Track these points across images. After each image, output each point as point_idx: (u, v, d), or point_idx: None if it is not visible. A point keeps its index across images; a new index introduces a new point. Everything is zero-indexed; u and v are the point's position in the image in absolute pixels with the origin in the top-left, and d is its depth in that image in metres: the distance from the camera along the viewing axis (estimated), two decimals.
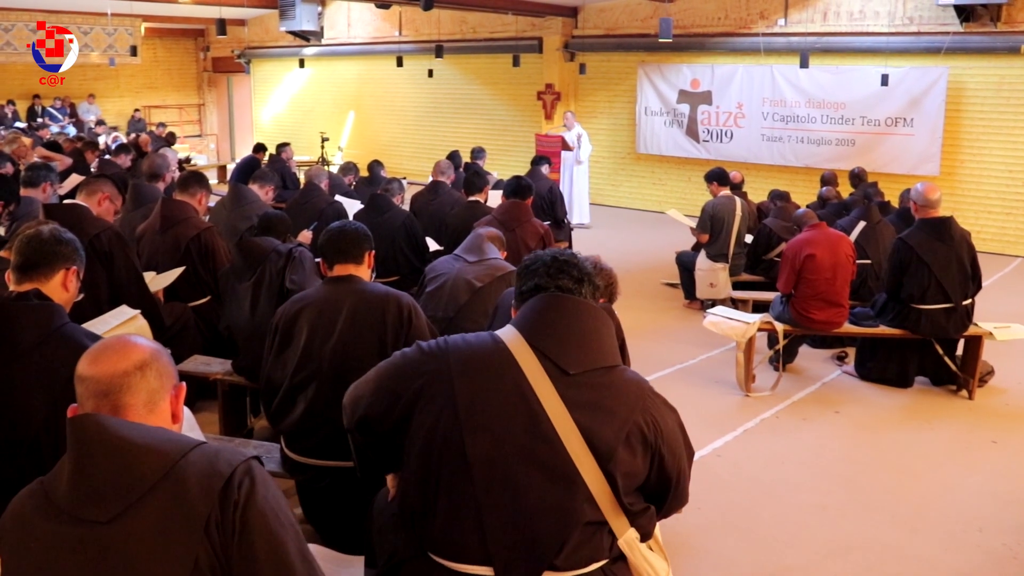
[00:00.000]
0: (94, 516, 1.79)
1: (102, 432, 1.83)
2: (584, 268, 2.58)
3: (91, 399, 1.96)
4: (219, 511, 1.80)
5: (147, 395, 1.98)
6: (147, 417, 1.97)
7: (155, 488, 1.79)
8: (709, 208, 8.60)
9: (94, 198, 5.34)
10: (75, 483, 1.82)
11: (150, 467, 1.81)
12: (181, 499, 1.79)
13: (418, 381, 2.46)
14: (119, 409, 1.94)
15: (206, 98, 25.36)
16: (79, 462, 1.83)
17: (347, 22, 20.10)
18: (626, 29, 15.59)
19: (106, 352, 2.00)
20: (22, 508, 1.89)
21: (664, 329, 8.28)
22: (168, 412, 2.04)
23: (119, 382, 1.95)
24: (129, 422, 1.90)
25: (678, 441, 2.52)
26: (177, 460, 1.83)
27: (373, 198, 7.39)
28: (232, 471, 1.84)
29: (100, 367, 1.97)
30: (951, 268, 6.32)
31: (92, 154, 11.60)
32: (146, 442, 1.84)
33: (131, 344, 2.03)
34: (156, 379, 2.00)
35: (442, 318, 4.73)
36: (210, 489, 1.80)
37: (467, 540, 2.38)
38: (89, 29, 20.74)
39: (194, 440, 1.91)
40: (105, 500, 1.79)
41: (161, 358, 2.05)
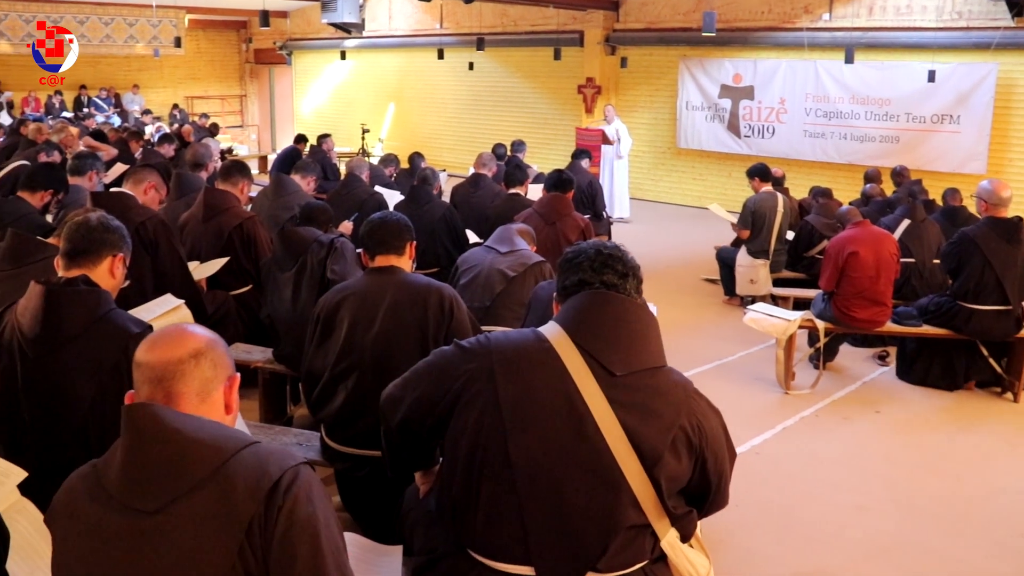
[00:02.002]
0: (141, 505, 1.80)
1: (156, 422, 1.84)
2: (629, 262, 2.52)
3: (146, 385, 1.97)
4: (263, 514, 1.79)
5: (200, 384, 1.98)
6: (199, 407, 1.97)
7: (203, 483, 1.79)
8: (751, 204, 8.53)
9: (140, 187, 5.39)
10: (125, 471, 1.83)
11: (200, 462, 1.81)
12: (227, 497, 1.79)
13: (459, 380, 2.43)
14: (172, 397, 1.95)
15: (248, 89, 25.57)
16: (130, 450, 1.84)
17: (388, 14, 20.15)
18: (668, 23, 15.48)
19: (163, 339, 2.02)
20: (74, 489, 1.91)
21: (703, 325, 8.23)
22: (221, 402, 2.05)
23: (173, 369, 1.96)
24: (184, 414, 1.91)
25: (721, 444, 2.49)
26: (228, 458, 1.83)
27: (413, 190, 7.41)
28: (281, 475, 1.83)
29: (155, 354, 1.98)
30: (1014, 269, 6.22)
31: (136, 144, 11.72)
32: (199, 436, 1.84)
33: (188, 333, 2.04)
34: (210, 368, 2.01)
35: (478, 308, 4.75)
36: (257, 491, 1.80)
37: (508, 540, 2.37)
38: (135, 21, 20.99)
39: (247, 438, 1.92)
40: (153, 490, 1.80)
41: (217, 348, 2.05)
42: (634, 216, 14.10)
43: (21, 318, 3.01)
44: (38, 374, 2.97)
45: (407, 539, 2.85)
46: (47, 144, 9.30)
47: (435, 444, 2.74)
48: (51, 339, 2.95)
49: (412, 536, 2.81)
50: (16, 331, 3.01)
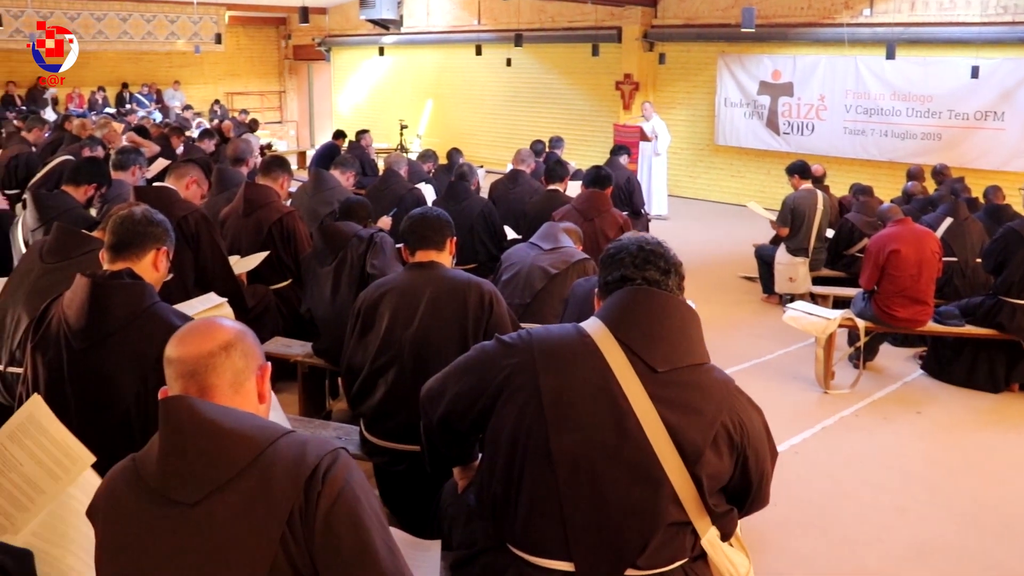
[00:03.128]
0: (181, 497, 1.80)
1: (192, 415, 1.84)
2: (671, 258, 2.50)
3: (178, 380, 1.98)
4: (303, 501, 1.79)
5: (232, 375, 1.99)
6: (233, 398, 1.98)
7: (242, 474, 1.80)
8: (790, 201, 8.46)
9: (182, 181, 5.45)
10: (164, 464, 1.84)
11: (238, 453, 1.82)
12: (266, 488, 1.79)
13: (501, 375, 2.43)
14: (205, 390, 1.96)
15: (287, 85, 25.74)
16: (168, 443, 1.84)
17: (426, 11, 20.20)
18: (706, 19, 15.38)
19: (192, 334, 2.03)
20: (114, 482, 1.92)
21: (741, 323, 8.18)
22: (254, 392, 2.05)
23: (204, 363, 1.97)
24: (219, 406, 1.91)
25: (763, 443, 2.47)
26: (265, 448, 1.83)
27: (451, 186, 7.43)
28: (318, 462, 1.83)
29: (186, 348, 1.99)
30: None
31: (177, 139, 11.84)
32: (236, 427, 1.85)
33: (216, 325, 2.05)
34: (241, 359, 2.02)
35: (518, 304, 4.75)
36: (296, 479, 1.80)
37: (548, 535, 2.37)
38: (176, 18, 21.23)
39: (283, 428, 1.92)
40: (192, 482, 1.81)
41: (246, 339, 2.06)
42: (672, 213, 14.04)
43: (67, 310, 3.06)
44: (83, 365, 3.02)
45: (445, 534, 2.86)
46: (91, 139, 9.44)
47: (474, 439, 2.75)
48: (96, 331, 3.00)
49: (451, 531, 2.82)
50: (62, 323, 3.06)
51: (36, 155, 9.53)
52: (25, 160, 9.22)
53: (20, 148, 9.76)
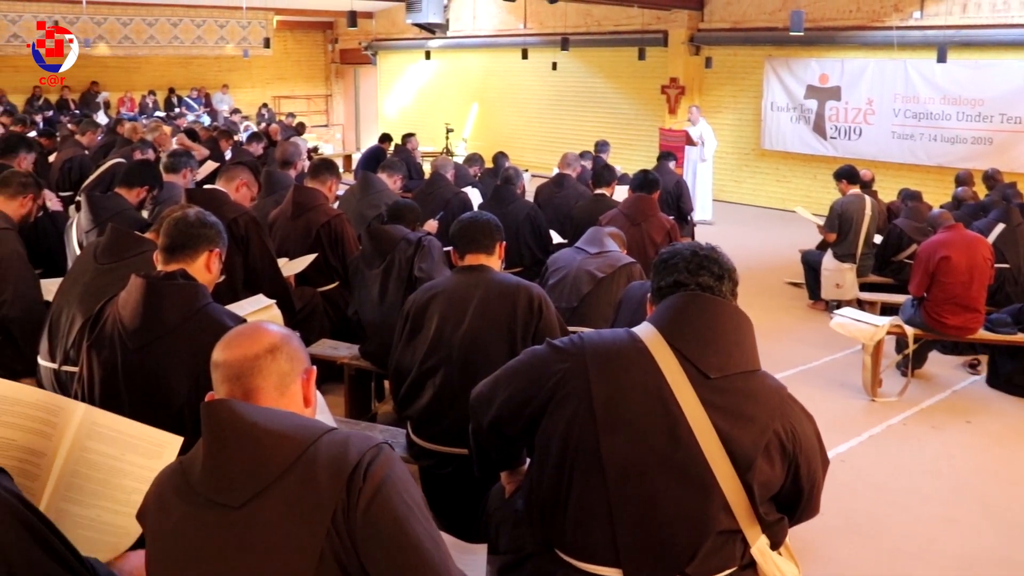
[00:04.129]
0: (226, 500, 1.82)
1: (233, 418, 1.85)
2: (725, 264, 2.49)
3: (224, 383, 2.00)
4: (345, 499, 1.79)
5: (278, 378, 2.01)
6: (278, 400, 1.99)
7: (285, 475, 1.80)
8: (837, 207, 8.38)
9: (232, 184, 5.52)
10: (208, 467, 1.85)
11: (280, 454, 1.82)
12: (310, 487, 1.79)
13: (552, 379, 2.43)
14: (250, 392, 1.98)
15: (333, 89, 25.98)
16: (211, 447, 1.86)
17: (472, 14, 20.27)
18: (753, 22, 15.29)
19: (238, 338, 2.05)
20: (162, 486, 1.94)
21: (787, 329, 8.11)
22: (299, 395, 2.06)
23: (250, 366, 1.99)
24: (260, 407, 1.92)
25: (815, 451, 2.45)
26: (307, 447, 1.83)
27: (497, 189, 7.45)
28: (360, 458, 1.83)
29: (232, 352, 2.01)
30: None
31: (226, 142, 11.99)
32: (277, 428, 1.85)
33: (261, 329, 2.07)
34: (287, 362, 2.03)
35: (565, 308, 4.76)
36: (338, 477, 1.80)
37: (597, 541, 2.36)
38: (225, 22, 21.53)
39: (324, 426, 1.92)
40: (237, 485, 1.82)
41: (291, 342, 2.07)
42: (717, 218, 13.95)
43: (122, 310, 3.11)
44: (137, 365, 3.06)
45: (492, 538, 2.86)
46: (142, 142, 9.58)
47: (523, 444, 2.75)
48: (150, 331, 3.04)
49: (498, 535, 2.82)
50: (117, 323, 3.11)
51: (89, 158, 9.69)
52: (79, 163, 9.39)
53: (74, 151, 9.94)
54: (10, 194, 5.07)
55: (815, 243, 9.12)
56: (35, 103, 20.60)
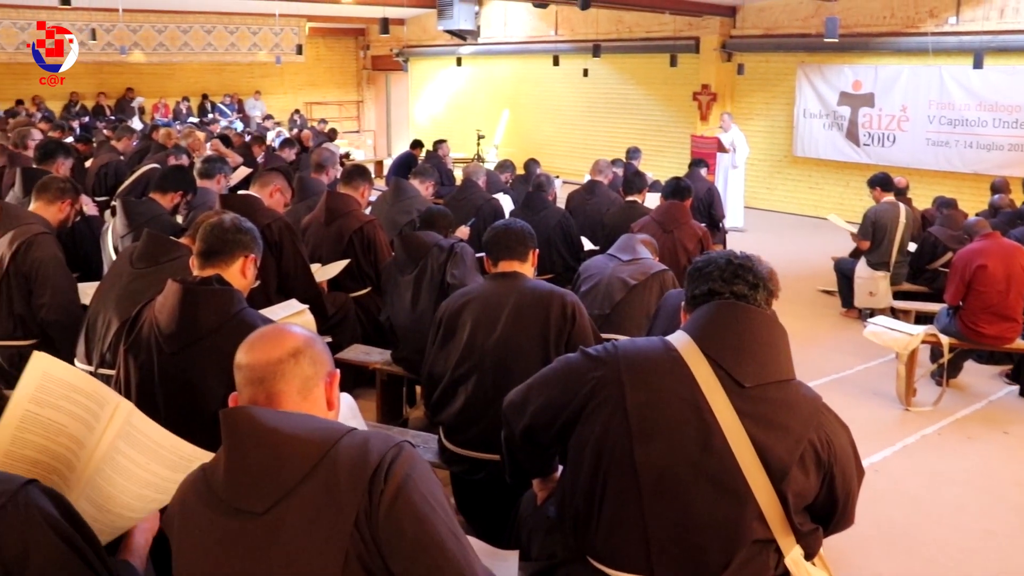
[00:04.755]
0: (249, 507, 1.82)
1: (253, 424, 1.86)
2: (760, 272, 2.48)
3: (248, 386, 2.00)
4: (367, 501, 1.79)
5: (301, 382, 2.01)
6: (301, 404, 1.99)
7: (306, 479, 1.80)
8: (871, 214, 8.31)
9: (266, 190, 5.56)
10: (229, 474, 1.86)
11: (300, 458, 1.82)
12: (332, 490, 1.80)
13: (586, 386, 2.43)
14: (273, 396, 1.98)
15: (365, 95, 26.10)
16: (231, 454, 1.87)
17: (503, 21, 20.31)
18: (786, 29, 15.19)
19: (261, 341, 2.04)
20: (186, 494, 1.95)
21: (820, 337, 8.05)
22: (322, 399, 2.06)
23: (273, 369, 1.99)
24: (279, 412, 1.92)
25: (850, 462, 2.43)
26: (327, 450, 1.83)
27: (529, 196, 7.46)
28: (381, 459, 1.83)
29: (255, 355, 2.01)
30: None
31: (259, 148, 12.09)
32: (296, 432, 1.85)
33: (285, 332, 2.07)
34: (310, 366, 2.03)
35: (597, 315, 4.75)
36: (360, 479, 1.80)
37: (630, 549, 2.36)
38: (258, 29, 21.71)
39: (343, 428, 1.91)
40: (259, 491, 1.82)
41: (315, 345, 2.07)
42: (748, 225, 13.88)
43: (159, 314, 3.14)
44: (173, 369, 3.09)
45: (524, 544, 2.86)
46: (176, 148, 9.68)
47: (556, 451, 2.75)
48: (186, 335, 3.06)
49: (530, 542, 2.82)
50: (154, 327, 3.14)
51: (124, 163, 9.80)
52: (114, 168, 9.50)
53: (110, 156, 10.05)
54: (49, 199, 5.14)
55: (848, 251, 9.06)
56: (72, 109, 20.88)
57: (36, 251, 4.76)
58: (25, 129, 10.10)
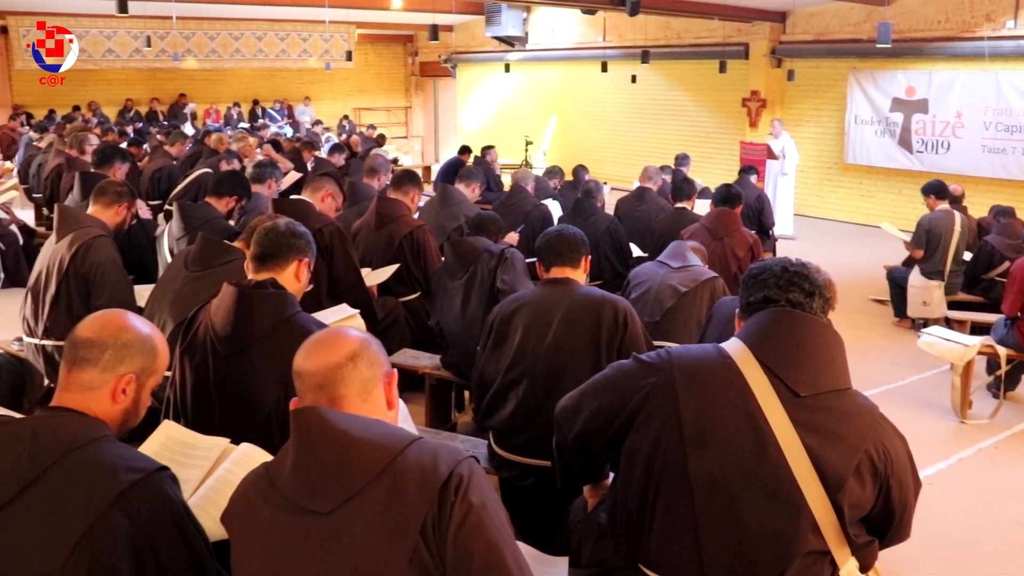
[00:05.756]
0: (314, 506, 1.84)
1: (323, 425, 1.88)
2: (815, 280, 2.45)
3: (309, 392, 2.02)
4: (436, 511, 1.80)
5: (360, 385, 2.03)
6: (361, 406, 2.02)
7: (374, 483, 1.82)
8: (925, 222, 8.18)
9: (318, 194, 5.61)
10: (297, 473, 1.88)
11: (369, 462, 1.84)
12: (399, 496, 1.81)
13: (640, 393, 2.41)
14: (335, 400, 2.00)
15: (413, 101, 26.28)
16: (300, 453, 1.89)
17: (551, 28, 20.32)
18: (837, 34, 15.04)
19: (318, 346, 2.07)
20: (248, 490, 1.97)
21: (872, 347, 7.94)
22: (382, 399, 2.08)
23: (333, 374, 2.01)
24: (349, 415, 1.94)
25: (907, 474, 2.39)
26: (395, 456, 1.84)
27: (577, 202, 7.45)
28: (451, 471, 1.84)
29: (314, 361, 2.04)
30: None
31: (309, 153, 12.20)
32: (365, 436, 1.87)
33: (341, 336, 2.10)
34: (368, 368, 2.05)
35: (648, 322, 4.73)
36: (428, 488, 1.81)
37: (682, 557, 2.34)
38: (308, 36, 21.97)
39: (411, 435, 1.93)
40: (325, 492, 1.84)
41: (371, 347, 2.09)
42: (798, 233, 13.73)
43: (214, 317, 3.17)
44: (228, 371, 3.12)
45: (574, 551, 2.85)
46: (228, 153, 9.81)
47: (608, 458, 2.74)
48: (241, 338, 3.10)
49: (580, 548, 2.81)
50: (209, 329, 3.18)
51: (177, 168, 9.96)
52: (167, 172, 9.66)
53: (163, 161, 10.23)
54: (106, 203, 5.23)
55: (900, 259, 8.92)
56: (126, 114, 21.27)
57: (94, 253, 4.85)
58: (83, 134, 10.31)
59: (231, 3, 17.37)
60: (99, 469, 2.01)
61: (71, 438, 2.05)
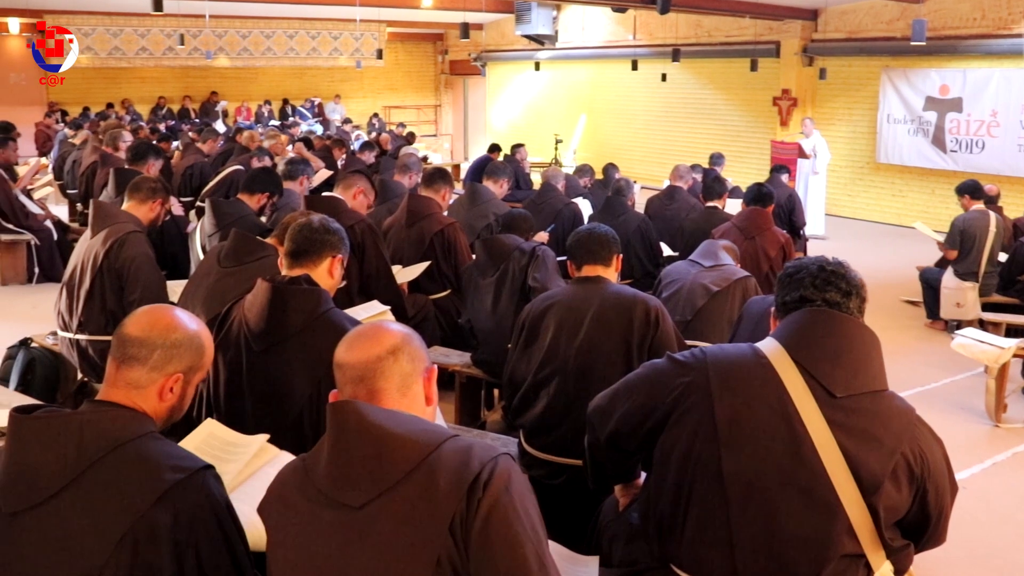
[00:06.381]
0: (348, 500, 1.85)
1: (360, 419, 1.88)
2: (852, 280, 2.44)
3: (348, 385, 2.03)
4: (464, 508, 1.80)
5: (400, 379, 2.03)
6: (400, 401, 2.02)
7: (407, 478, 1.82)
8: (959, 223, 8.09)
9: (350, 191, 5.63)
10: (332, 466, 1.88)
11: (403, 457, 1.84)
12: (430, 493, 1.81)
13: (673, 393, 2.40)
14: (374, 394, 2.00)
15: (442, 99, 26.32)
16: (336, 447, 1.89)
17: (581, 26, 20.27)
18: (869, 32, 14.89)
19: (360, 339, 2.07)
20: (285, 482, 1.99)
21: (904, 349, 7.86)
22: (421, 395, 2.09)
23: (373, 367, 2.01)
24: (386, 410, 1.94)
25: (944, 477, 2.36)
26: (429, 452, 1.84)
27: (608, 201, 7.43)
28: (481, 469, 1.83)
29: (355, 354, 2.04)
30: None
31: (339, 151, 12.25)
32: (401, 432, 1.87)
33: (383, 330, 2.10)
34: (408, 363, 2.05)
35: (679, 321, 4.71)
36: (459, 486, 1.80)
37: (715, 558, 2.32)
38: (339, 34, 22.07)
39: (447, 432, 1.93)
40: (359, 486, 1.85)
41: (412, 342, 2.10)
42: (830, 233, 13.61)
43: (248, 313, 3.19)
44: (261, 366, 3.14)
45: (605, 551, 2.84)
46: (259, 150, 9.87)
47: (640, 458, 2.73)
48: (274, 334, 3.11)
49: (611, 548, 2.80)
50: (243, 325, 3.20)
51: (209, 165, 10.04)
52: (199, 169, 9.74)
53: (196, 158, 10.32)
54: (141, 199, 5.27)
55: (933, 260, 8.83)
56: (159, 112, 21.46)
57: (128, 249, 4.89)
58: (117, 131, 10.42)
59: (263, 2, 17.52)
60: (144, 467, 2.02)
61: (117, 434, 2.06)
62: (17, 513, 1.98)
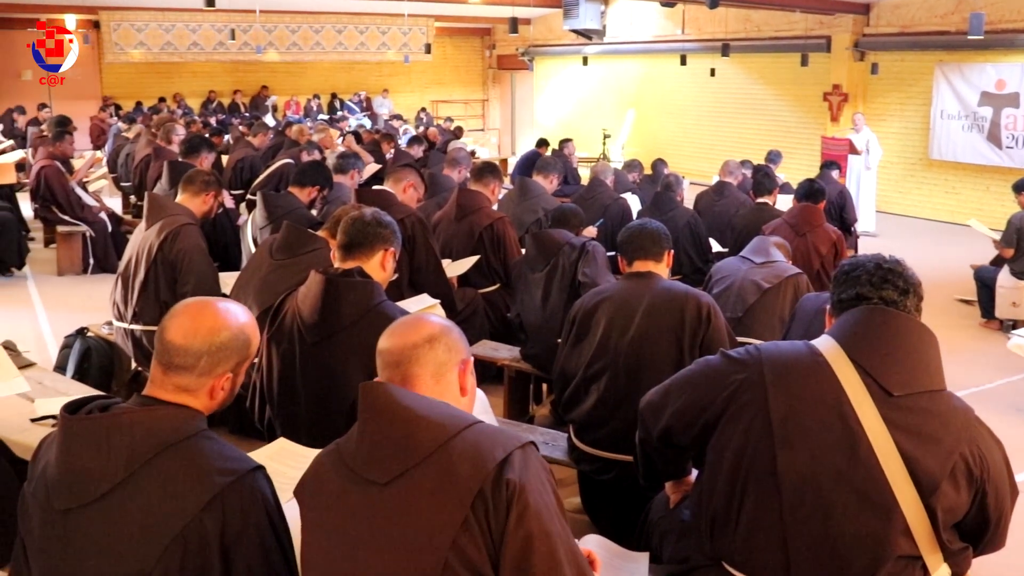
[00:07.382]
0: (375, 477, 1.92)
1: (388, 400, 1.97)
2: (910, 278, 2.41)
3: (385, 369, 2.12)
4: (491, 490, 1.85)
5: (435, 367, 2.11)
6: (434, 388, 2.09)
7: (429, 458, 1.89)
8: (1016, 221, 7.94)
9: (400, 185, 5.67)
10: (362, 445, 1.97)
11: (427, 437, 1.91)
12: (450, 473, 1.87)
13: (728, 389, 2.39)
14: (408, 379, 2.08)
15: (490, 94, 26.33)
16: (365, 425, 1.98)
17: (629, 20, 20.17)
18: (923, 26, 14.62)
19: (400, 327, 2.17)
20: (321, 465, 2.07)
21: (958, 349, 7.73)
22: (455, 384, 2.15)
23: (409, 353, 2.10)
24: (415, 393, 2.03)
25: (1004, 479, 2.33)
26: (453, 435, 1.91)
27: (657, 196, 7.40)
28: (507, 455, 1.89)
29: (393, 340, 2.13)
30: None
31: (388, 145, 12.31)
32: (427, 414, 1.95)
33: (423, 320, 2.19)
34: (444, 352, 2.12)
35: (730, 318, 4.68)
36: (481, 467, 1.86)
37: (768, 557, 2.31)
38: (387, 29, 22.18)
39: (473, 418, 2.00)
40: (384, 463, 1.92)
41: (451, 333, 2.17)
42: (880, 230, 13.43)
43: (302, 305, 3.23)
44: (314, 358, 3.19)
45: (655, 547, 2.84)
46: (308, 144, 9.95)
47: (692, 454, 2.72)
48: (328, 326, 3.16)
49: (662, 545, 2.80)
50: (296, 317, 3.24)
51: (259, 158, 10.14)
52: (249, 163, 9.85)
53: (246, 151, 10.43)
54: (194, 191, 5.34)
55: (988, 258, 8.68)
56: (209, 106, 21.74)
57: (182, 241, 4.97)
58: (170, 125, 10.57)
59: None
60: (194, 470, 2.03)
61: (167, 434, 2.06)
62: (69, 510, 2.01)
